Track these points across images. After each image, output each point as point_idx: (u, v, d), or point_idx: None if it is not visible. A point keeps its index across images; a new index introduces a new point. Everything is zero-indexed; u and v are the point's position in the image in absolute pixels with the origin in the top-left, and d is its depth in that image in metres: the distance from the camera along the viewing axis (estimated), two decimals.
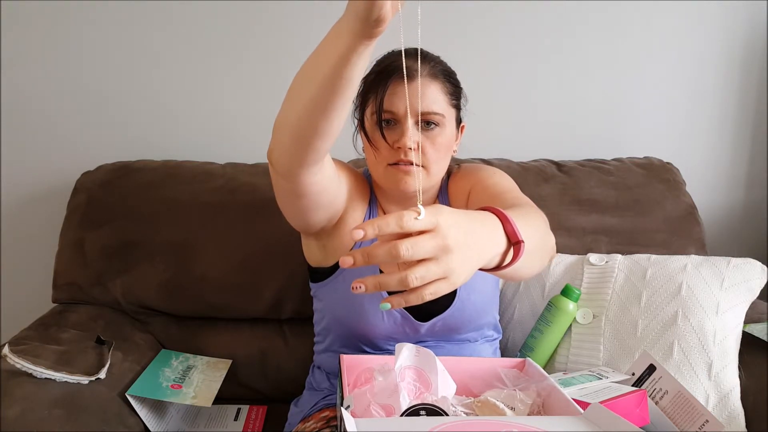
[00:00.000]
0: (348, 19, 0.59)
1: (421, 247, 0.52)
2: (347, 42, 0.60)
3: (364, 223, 0.53)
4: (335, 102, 0.68)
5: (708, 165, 1.60)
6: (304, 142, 0.74)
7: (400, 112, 0.91)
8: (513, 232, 0.63)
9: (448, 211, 0.56)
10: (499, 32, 1.50)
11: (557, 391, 0.73)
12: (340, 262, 0.53)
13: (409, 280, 0.52)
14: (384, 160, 0.94)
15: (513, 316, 1.23)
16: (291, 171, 0.79)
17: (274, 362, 1.29)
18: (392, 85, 0.91)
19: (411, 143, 0.90)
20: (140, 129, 1.51)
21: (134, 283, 1.28)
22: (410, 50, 0.89)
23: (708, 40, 1.53)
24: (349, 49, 0.61)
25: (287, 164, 0.79)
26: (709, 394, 1.04)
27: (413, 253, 0.52)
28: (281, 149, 0.77)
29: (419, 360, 0.72)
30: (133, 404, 1.04)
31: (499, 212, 0.63)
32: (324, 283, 1.03)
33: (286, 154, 0.77)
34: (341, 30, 0.61)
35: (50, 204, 1.50)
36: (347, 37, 0.60)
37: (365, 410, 0.68)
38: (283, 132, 0.75)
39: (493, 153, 1.47)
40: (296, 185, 0.82)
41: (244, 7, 1.45)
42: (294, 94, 0.71)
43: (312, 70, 0.67)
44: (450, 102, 0.95)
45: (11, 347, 1.00)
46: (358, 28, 0.58)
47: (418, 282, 0.53)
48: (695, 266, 1.15)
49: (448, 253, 0.53)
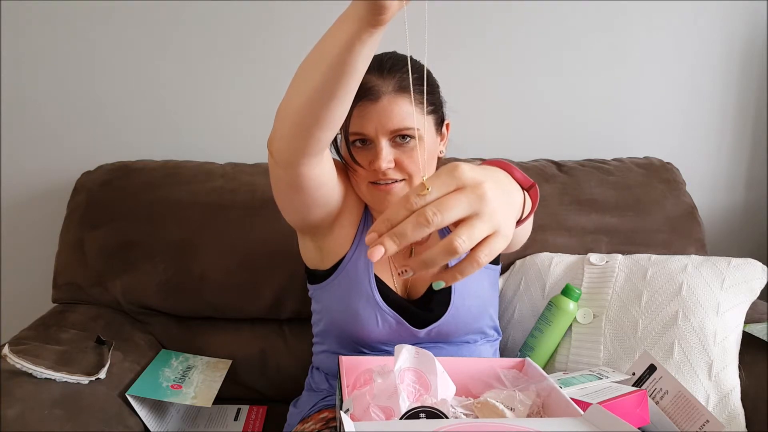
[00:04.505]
0: (354, 6, 0.59)
1: (453, 205, 0.46)
2: (352, 28, 0.59)
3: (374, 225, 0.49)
4: (337, 91, 0.66)
5: (708, 165, 1.60)
6: (305, 131, 0.73)
7: (370, 134, 0.89)
8: (523, 178, 0.60)
9: (466, 166, 0.50)
10: (499, 32, 1.50)
11: (557, 391, 0.73)
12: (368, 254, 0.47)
13: (456, 244, 0.46)
14: (364, 180, 0.93)
15: (513, 315, 1.23)
16: (290, 161, 0.78)
17: (274, 362, 1.30)
18: (358, 107, 0.88)
19: (385, 164, 0.88)
20: (140, 129, 1.51)
21: (134, 283, 1.28)
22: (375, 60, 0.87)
23: (708, 40, 1.53)
24: (354, 36, 0.60)
25: (287, 153, 0.77)
26: (710, 394, 1.04)
27: (444, 216, 0.46)
28: (282, 138, 0.76)
29: (418, 362, 0.72)
30: (133, 404, 1.04)
31: (502, 163, 0.60)
32: (321, 285, 1.02)
33: (286, 143, 0.76)
34: (347, 17, 0.60)
35: (50, 204, 1.50)
36: (352, 24, 0.59)
37: (364, 412, 0.68)
38: (284, 120, 0.74)
39: (493, 153, 1.47)
40: (295, 176, 0.81)
41: (244, 8, 1.45)
42: (297, 82, 0.70)
43: (316, 58, 0.66)
44: (424, 111, 0.91)
45: (11, 347, 1.00)
46: (362, 15, 0.57)
47: (466, 244, 0.46)
48: (696, 266, 1.15)
49: (488, 202, 0.47)
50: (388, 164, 0.89)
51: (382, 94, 0.88)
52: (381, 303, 0.96)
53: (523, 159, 1.46)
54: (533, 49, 1.51)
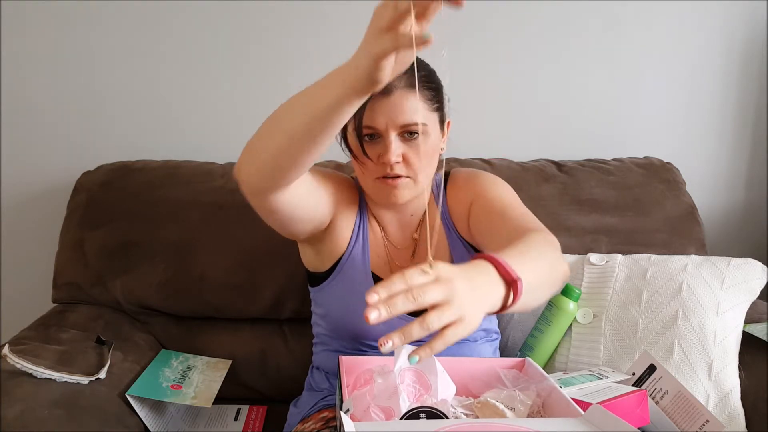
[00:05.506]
0: (348, 72, 0.63)
1: (431, 290, 0.57)
2: (344, 92, 0.64)
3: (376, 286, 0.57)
4: (318, 138, 0.71)
5: (708, 165, 1.60)
6: (279, 170, 0.76)
7: (380, 128, 0.90)
8: (506, 272, 0.64)
9: (445, 266, 0.60)
10: (500, 32, 1.49)
11: (557, 391, 0.74)
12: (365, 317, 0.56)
13: (428, 321, 0.56)
14: (371, 174, 0.94)
15: (513, 315, 1.23)
16: (259, 192, 0.81)
17: (274, 362, 1.30)
18: (370, 101, 0.89)
19: (395, 157, 0.90)
20: (140, 129, 1.51)
21: (134, 283, 1.28)
22: None
23: (708, 40, 1.53)
24: (344, 99, 0.64)
25: (256, 185, 0.80)
26: (710, 394, 1.04)
27: (424, 298, 0.56)
28: (252, 171, 0.78)
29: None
30: (133, 404, 1.04)
31: (490, 257, 0.66)
32: (320, 287, 1.03)
33: (257, 176, 0.78)
34: (339, 80, 0.64)
35: (50, 204, 1.50)
36: (344, 88, 0.64)
37: (365, 412, 0.68)
38: (258, 156, 0.76)
39: (493, 153, 1.47)
40: (265, 204, 0.83)
41: (244, 8, 1.45)
42: (277, 124, 0.73)
43: (302, 107, 0.70)
44: (431, 108, 0.93)
45: (11, 347, 1.00)
46: (356, 84, 0.62)
47: (436, 323, 0.56)
48: (695, 266, 1.15)
49: (457, 296, 0.57)
50: (397, 158, 0.90)
51: (394, 88, 0.89)
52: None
53: (523, 159, 1.46)
54: (533, 49, 1.51)
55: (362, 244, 1.00)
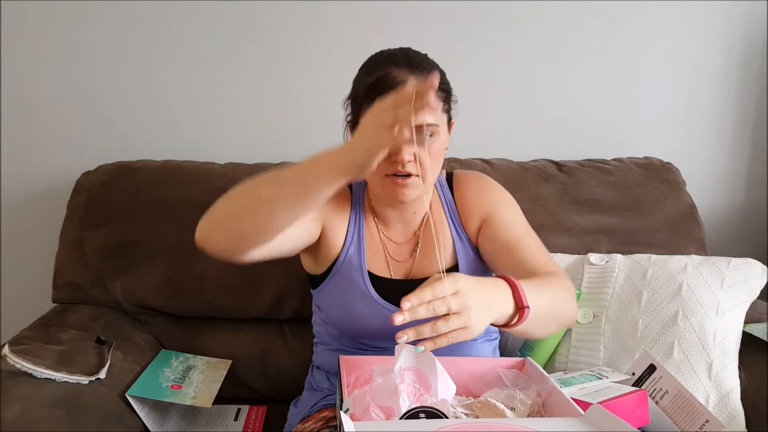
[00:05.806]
0: (342, 157, 0.70)
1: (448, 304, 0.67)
2: (333, 174, 0.71)
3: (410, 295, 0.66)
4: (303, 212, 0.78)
5: (708, 165, 1.60)
6: (259, 236, 0.80)
7: None
8: (520, 298, 0.74)
9: (466, 280, 0.70)
10: (500, 32, 1.49)
11: (557, 391, 0.74)
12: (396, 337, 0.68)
13: (439, 325, 0.67)
14: (380, 171, 0.93)
15: None
16: (233, 256, 0.82)
17: (274, 362, 1.30)
18: None
19: (408, 156, 0.90)
20: (140, 129, 1.51)
21: (134, 283, 1.28)
22: (399, 55, 0.91)
23: (708, 40, 1.53)
24: (332, 181, 0.72)
25: (229, 252, 0.82)
26: (709, 394, 1.04)
27: (441, 309, 0.67)
28: (223, 240, 0.81)
29: (419, 361, 0.72)
30: (133, 404, 1.04)
31: (511, 281, 0.75)
32: (319, 289, 1.04)
33: (228, 246, 0.81)
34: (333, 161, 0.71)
35: (50, 204, 1.50)
36: (336, 170, 0.71)
37: (365, 412, 0.68)
38: (232, 226, 0.79)
39: (493, 153, 1.47)
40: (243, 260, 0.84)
41: (244, 8, 1.45)
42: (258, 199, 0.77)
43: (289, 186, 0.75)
44: (442, 109, 0.94)
45: (11, 347, 1.00)
46: (346, 168, 0.70)
47: (444, 329, 0.67)
48: (695, 266, 1.15)
49: (468, 309, 0.68)
50: (410, 157, 0.90)
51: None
52: (377, 298, 0.97)
53: (523, 159, 1.46)
54: (533, 49, 1.51)
55: (357, 244, 1.00)
